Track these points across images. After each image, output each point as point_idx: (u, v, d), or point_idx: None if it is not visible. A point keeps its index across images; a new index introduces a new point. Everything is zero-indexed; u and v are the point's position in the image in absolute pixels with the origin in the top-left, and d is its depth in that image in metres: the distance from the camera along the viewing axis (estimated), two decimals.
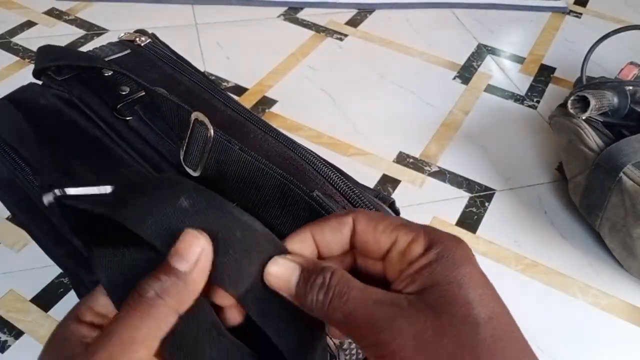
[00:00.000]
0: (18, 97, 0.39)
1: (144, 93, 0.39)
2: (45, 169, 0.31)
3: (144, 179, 0.35)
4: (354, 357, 0.32)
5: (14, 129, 0.37)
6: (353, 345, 0.31)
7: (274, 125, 0.39)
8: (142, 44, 0.44)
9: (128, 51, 0.43)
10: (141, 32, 0.46)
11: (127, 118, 0.37)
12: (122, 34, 0.45)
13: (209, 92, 0.40)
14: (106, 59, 0.41)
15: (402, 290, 0.22)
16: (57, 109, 0.38)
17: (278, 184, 0.30)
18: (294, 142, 0.37)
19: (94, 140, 0.36)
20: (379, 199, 0.36)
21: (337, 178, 0.35)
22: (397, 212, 0.37)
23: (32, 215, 0.39)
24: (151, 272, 0.21)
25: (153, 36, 0.46)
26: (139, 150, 0.36)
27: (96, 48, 0.43)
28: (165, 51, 0.44)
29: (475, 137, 0.78)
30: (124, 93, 0.39)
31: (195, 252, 0.21)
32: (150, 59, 0.43)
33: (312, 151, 0.38)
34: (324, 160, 0.38)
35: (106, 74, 0.40)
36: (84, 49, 0.88)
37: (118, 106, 0.38)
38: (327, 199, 0.33)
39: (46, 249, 0.43)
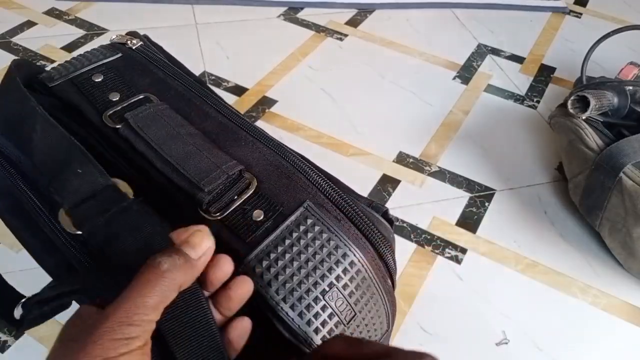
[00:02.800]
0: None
1: (134, 99, 0.38)
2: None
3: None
4: None
5: (3, 134, 0.37)
6: None
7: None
8: (134, 47, 0.43)
9: (119, 55, 0.42)
10: (133, 34, 0.45)
11: (117, 126, 0.36)
12: (114, 36, 0.45)
13: (201, 97, 0.40)
14: (97, 64, 0.41)
15: None
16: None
17: None
18: (286, 150, 0.37)
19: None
20: (372, 208, 0.36)
21: (329, 187, 0.34)
22: (390, 221, 0.37)
23: (24, 223, 0.39)
24: (163, 251, 0.25)
25: (145, 38, 0.46)
26: (129, 159, 0.35)
27: (87, 52, 0.43)
28: (157, 54, 0.44)
29: (475, 137, 0.78)
30: (114, 100, 0.38)
31: (205, 247, 0.26)
32: (141, 62, 0.42)
33: (304, 158, 0.37)
34: (316, 167, 0.37)
35: (96, 80, 0.39)
36: (84, 49, 0.88)
37: (108, 113, 0.37)
38: (319, 208, 0.33)
39: (37, 257, 0.43)
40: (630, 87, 0.61)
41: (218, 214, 0.33)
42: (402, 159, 0.74)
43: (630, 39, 0.80)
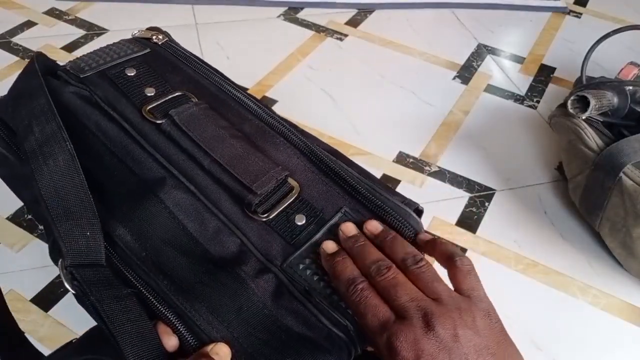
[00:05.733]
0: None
1: (172, 96, 0.38)
2: None
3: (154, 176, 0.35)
4: None
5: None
6: None
7: None
8: (160, 43, 0.43)
9: (148, 50, 0.42)
10: (156, 29, 0.45)
11: (159, 121, 0.36)
12: (136, 32, 0.44)
13: (234, 99, 0.40)
14: (127, 57, 0.40)
15: None
16: (77, 107, 0.37)
17: None
18: (321, 153, 0.38)
19: (114, 140, 0.36)
20: (405, 204, 0.37)
21: (361, 193, 0.36)
22: (420, 212, 0.38)
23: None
24: (204, 355, 0.29)
25: (167, 34, 0.45)
26: (166, 154, 0.35)
27: (112, 45, 0.42)
28: (183, 51, 0.44)
29: (475, 137, 0.78)
30: (150, 95, 0.38)
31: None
32: (170, 59, 0.42)
33: (336, 155, 0.38)
34: (348, 163, 0.38)
35: (130, 74, 0.39)
36: (84, 49, 0.88)
37: (148, 108, 0.37)
38: (355, 213, 0.35)
39: None
40: (630, 87, 0.61)
41: (264, 215, 0.34)
42: (402, 159, 0.74)
43: (630, 39, 0.80)
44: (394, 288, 0.30)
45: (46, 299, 0.55)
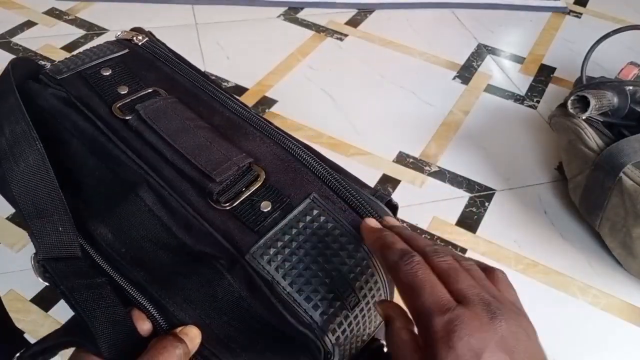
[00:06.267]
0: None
1: (143, 93, 0.39)
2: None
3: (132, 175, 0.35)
4: (347, 352, 0.32)
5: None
6: (347, 341, 0.32)
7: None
8: (140, 43, 0.44)
9: (126, 51, 0.42)
10: (138, 30, 0.46)
11: (127, 118, 0.37)
12: (119, 33, 0.45)
13: (208, 93, 0.41)
14: (104, 58, 0.41)
15: None
16: (55, 109, 0.38)
17: None
18: (292, 144, 0.37)
19: (90, 139, 0.37)
20: (376, 197, 0.37)
21: (334, 179, 0.35)
22: (394, 207, 0.38)
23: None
24: (172, 334, 0.30)
25: (150, 34, 0.46)
26: (136, 149, 0.36)
27: (94, 47, 0.43)
28: (163, 50, 0.44)
29: (475, 137, 0.78)
30: (123, 93, 0.39)
31: (197, 343, 0.31)
32: (148, 58, 0.43)
33: (309, 150, 0.38)
34: (321, 158, 0.38)
35: (105, 74, 0.40)
36: (84, 48, 0.88)
37: (118, 105, 0.38)
38: (324, 200, 0.34)
39: None
40: (630, 87, 0.61)
41: (227, 204, 0.33)
42: (402, 159, 0.74)
43: (630, 39, 0.80)
44: (454, 271, 0.28)
45: (46, 299, 0.55)
